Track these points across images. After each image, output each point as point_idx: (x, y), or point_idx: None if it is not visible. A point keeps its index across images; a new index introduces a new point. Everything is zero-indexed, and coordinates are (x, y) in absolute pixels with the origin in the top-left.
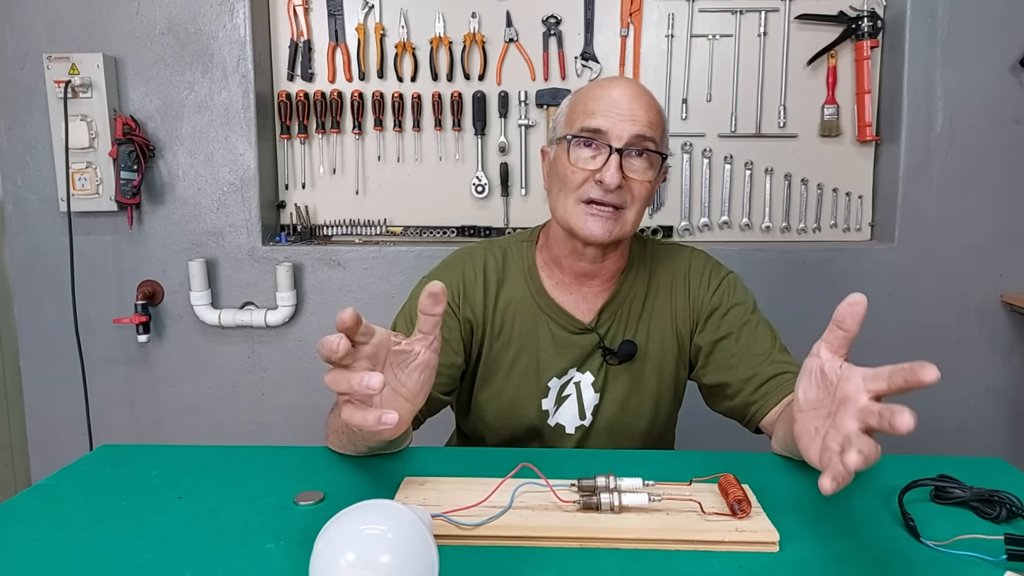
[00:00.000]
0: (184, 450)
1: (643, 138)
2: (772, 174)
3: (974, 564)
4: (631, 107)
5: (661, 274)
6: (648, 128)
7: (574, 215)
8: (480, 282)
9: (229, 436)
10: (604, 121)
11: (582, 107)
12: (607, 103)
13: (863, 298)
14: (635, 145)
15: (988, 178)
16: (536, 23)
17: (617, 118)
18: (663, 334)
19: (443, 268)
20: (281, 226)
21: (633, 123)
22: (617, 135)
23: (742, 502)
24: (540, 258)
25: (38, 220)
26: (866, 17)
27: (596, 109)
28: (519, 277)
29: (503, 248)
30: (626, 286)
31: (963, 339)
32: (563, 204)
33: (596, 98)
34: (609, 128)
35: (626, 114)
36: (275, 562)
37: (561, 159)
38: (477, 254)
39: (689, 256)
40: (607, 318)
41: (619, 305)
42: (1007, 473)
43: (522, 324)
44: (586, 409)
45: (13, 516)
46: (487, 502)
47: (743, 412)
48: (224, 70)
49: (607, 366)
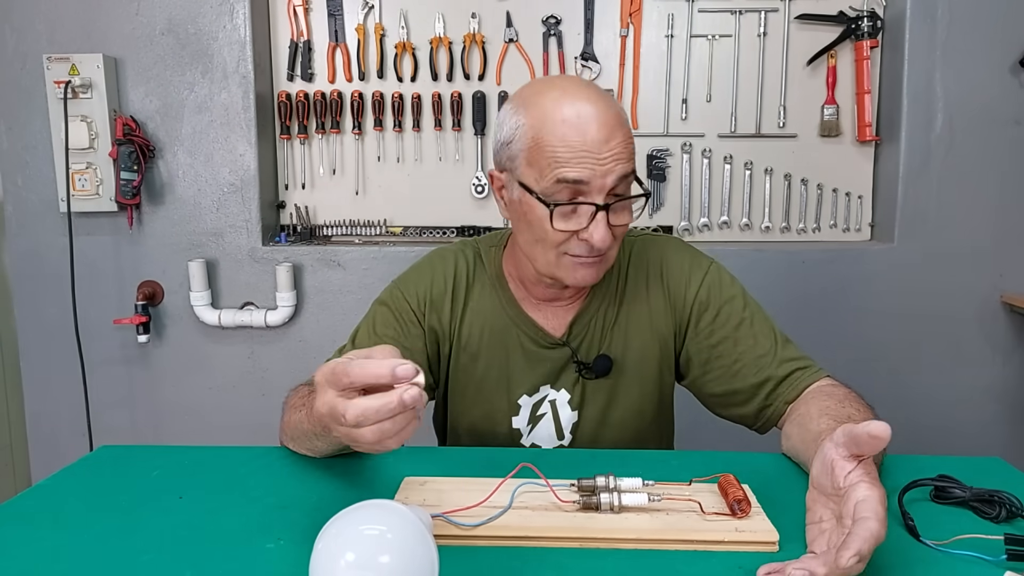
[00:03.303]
0: (184, 450)
1: (626, 176)
2: (772, 174)
3: (974, 564)
4: (609, 145)
5: (633, 274)
6: (628, 161)
7: (559, 268)
8: (449, 290)
9: (229, 436)
10: (582, 171)
11: (549, 151)
12: (579, 147)
13: (886, 433)
14: (619, 191)
15: (988, 178)
16: (536, 23)
17: (596, 164)
18: (641, 341)
19: (413, 273)
20: (281, 226)
21: (615, 164)
22: (599, 187)
23: (742, 502)
24: (507, 269)
25: (38, 220)
26: (866, 17)
27: (569, 157)
28: (488, 285)
29: (475, 251)
30: (596, 297)
31: (963, 339)
32: (543, 256)
33: (564, 140)
34: (590, 178)
35: (606, 156)
36: (275, 562)
37: (533, 212)
38: (448, 258)
39: (663, 247)
40: (579, 331)
41: (591, 316)
42: (1007, 473)
43: (491, 335)
44: (564, 428)
45: (13, 516)
46: (487, 502)
47: (756, 418)
48: (224, 70)
49: (583, 381)
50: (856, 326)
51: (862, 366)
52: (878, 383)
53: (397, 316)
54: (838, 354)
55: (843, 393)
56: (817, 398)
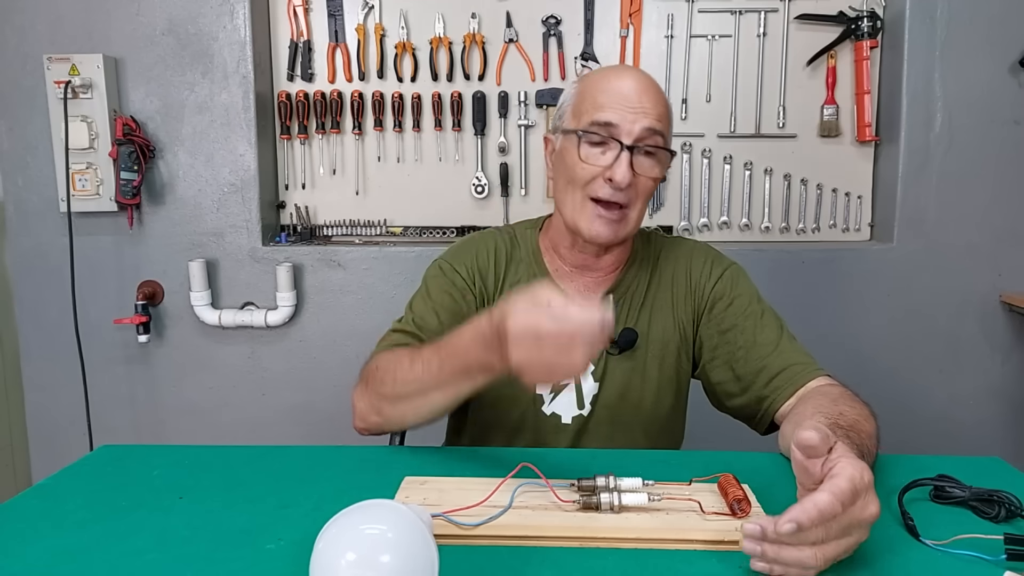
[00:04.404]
0: (184, 450)
1: (653, 131)
2: (771, 174)
3: (973, 564)
4: (641, 100)
5: (664, 265)
6: (657, 121)
7: (581, 214)
8: (492, 262)
9: (229, 436)
10: (614, 115)
11: (591, 99)
12: (617, 95)
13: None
14: (645, 139)
15: (987, 178)
16: (536, 23)
17: (627, 111)
18: (665, 325)
19: (458, 248)
20: (281, 226)
21: (644, 116)
22: (627, 130)
23: (742, 502)
24: (543, 244)
25: (38, 220)
26: (866, 17)
27: (606, 102)
28: (526, 261)
29: (511, 233)
30: (628, 277)
31: (962, 339)
32: (571, 199)
33: (605, 90)
34: (619, 122)
35: (636, 107)
36: (275, 562)
37: (569, 153)
38: (488, 237)
39: (692, 247)
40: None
41: (620, 295)
42: (1006, 473)
43: None
44: (585, 399)
45: (13, 516)
46: (487, 502)
47: (755, 408)
48: (224, 71)
49: (607, 355)
50: (856, 326)
51: (862, 366)
52: (878, 383)
53: (451, 283)
54: (837, 354)
55: (838, 392)
56: (813, 397)
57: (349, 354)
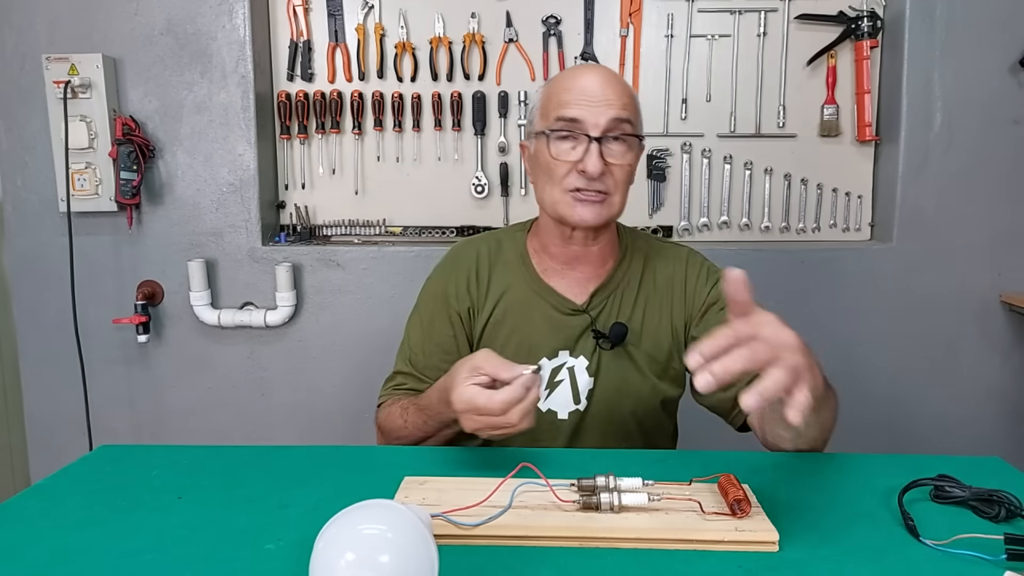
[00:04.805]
0: (184, 450)
1: (619, 120)
2: (771, 174)
3: (973, 564)
4: (604, 93)
5: (658, 267)
6: (623, 110)
7: (562, 204)
8: (473, 273)
9: (229, 436)
10: (579, 111)
11: (555, 98)
12: (579, 92)
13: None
14: (612, 130)
15: (987, 178)
16: (536, 23)
17: (591, 105)
18: (657, 323)
19: (444, 263)
20: (281, 226)
21: (608, 107)
22: (594, 123)
23: (742, 502)
24: (531, 246)
25: (38, 220)
26: (866, 17)
27: (570, 99)
28: (513, 263)
29: (498, 238)
30: (619, 272)
31: (962, 339)
32: (550, 195)
33: (568, 88)
34: (585, 117)
35: (600, 100)
36: (275, 563)
37: (542, 152)
38: (470, 247)
39: (687, 255)
40: (599, 301)
41: (612, 290)
42: (1006, 472)
43: (516, 306)
44: (580, 393)
45: (12, 516)
46: (487, 502)
47: (730, 405)
48: (223, 70)
49: (600, 350)
50: (855, 325)
51: (861, 366)
52: (877, 382)
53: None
54: (837, 354)
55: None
56: None
57: (348, 354)
